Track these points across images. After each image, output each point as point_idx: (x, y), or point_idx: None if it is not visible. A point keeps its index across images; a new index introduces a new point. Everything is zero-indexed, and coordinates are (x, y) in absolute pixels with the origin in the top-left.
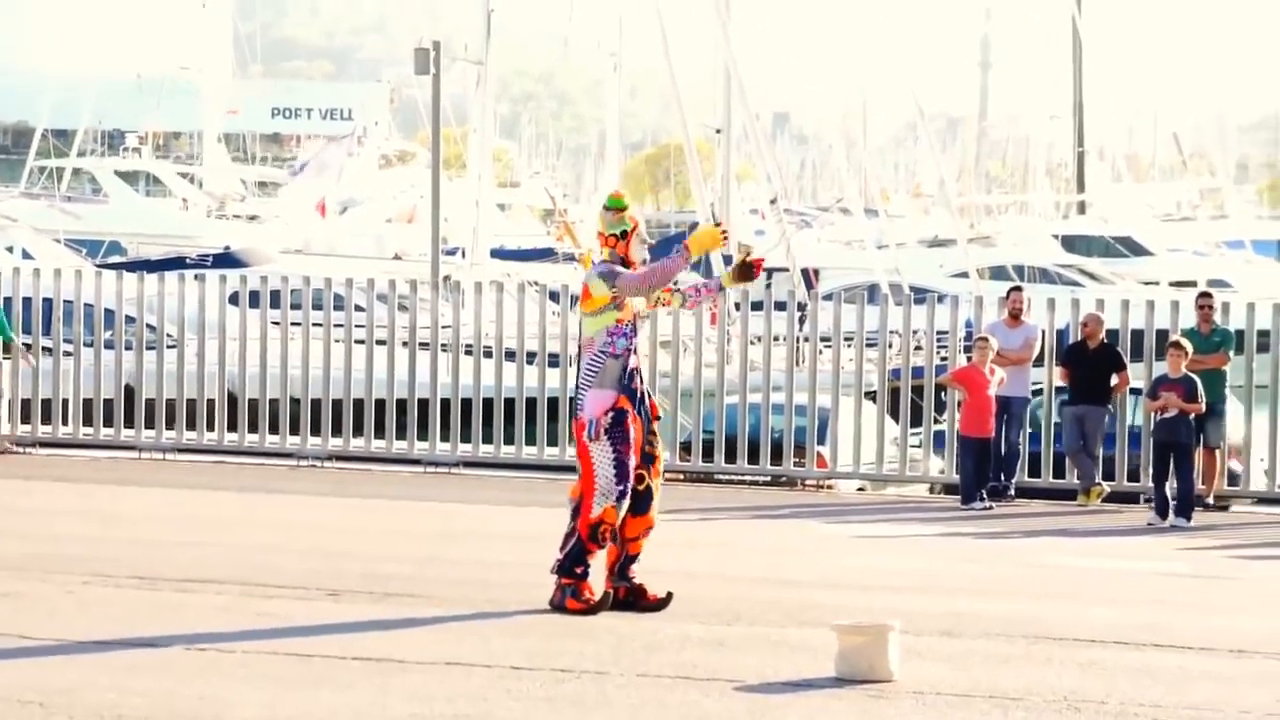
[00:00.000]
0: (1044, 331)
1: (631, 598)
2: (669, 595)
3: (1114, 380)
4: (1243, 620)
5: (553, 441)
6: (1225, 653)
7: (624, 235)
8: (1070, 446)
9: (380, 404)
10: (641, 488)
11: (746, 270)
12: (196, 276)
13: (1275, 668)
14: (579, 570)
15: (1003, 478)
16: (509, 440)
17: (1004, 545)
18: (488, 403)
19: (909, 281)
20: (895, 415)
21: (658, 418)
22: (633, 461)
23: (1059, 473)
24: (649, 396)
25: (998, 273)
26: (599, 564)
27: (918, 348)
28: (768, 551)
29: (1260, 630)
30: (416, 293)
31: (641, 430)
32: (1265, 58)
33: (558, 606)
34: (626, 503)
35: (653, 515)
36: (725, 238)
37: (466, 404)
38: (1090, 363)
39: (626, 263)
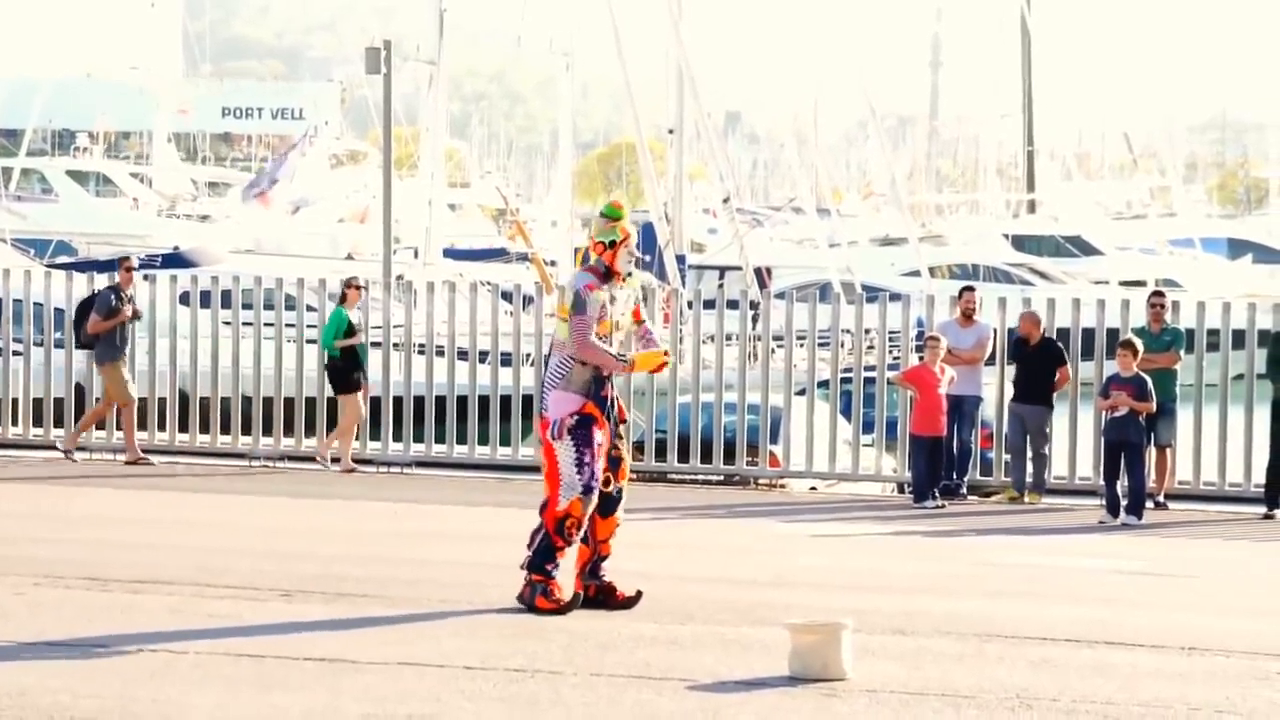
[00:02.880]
0: (996, 331)
1: (601, 596)
2: (638, 594)
3: (1056, 376)
4: (1194, 618)
5: (505, 441)
6: (1176, 650)
7: (613, 245)
8: (1011, 446)
9: (332, 404)
10: (609, 490)
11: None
12: (146, 277)
13: (1226, 665)
14: (548, 567)
15: (955, 476)
16: (461, 440)
17: (956, 543)
18: (440, 402)
19: (861, 280)
20: (848, 414)
21: (624, 421)
22: (600, 464)
23: (1011, 472)
24: (618, 401)
25: (961, 273)
26: (569, 563)
27: (870, 347)
28: (721, 551)
29: (1211, 628)
30: (368, 292)
31: (609, 435)
32: (1214, 58)
33: (527, 603)
34: (593, 499)
35: (618, 516)
36: (665, 364)
37: (419, 403)
38: (1031, 361)
39: (611, 271)
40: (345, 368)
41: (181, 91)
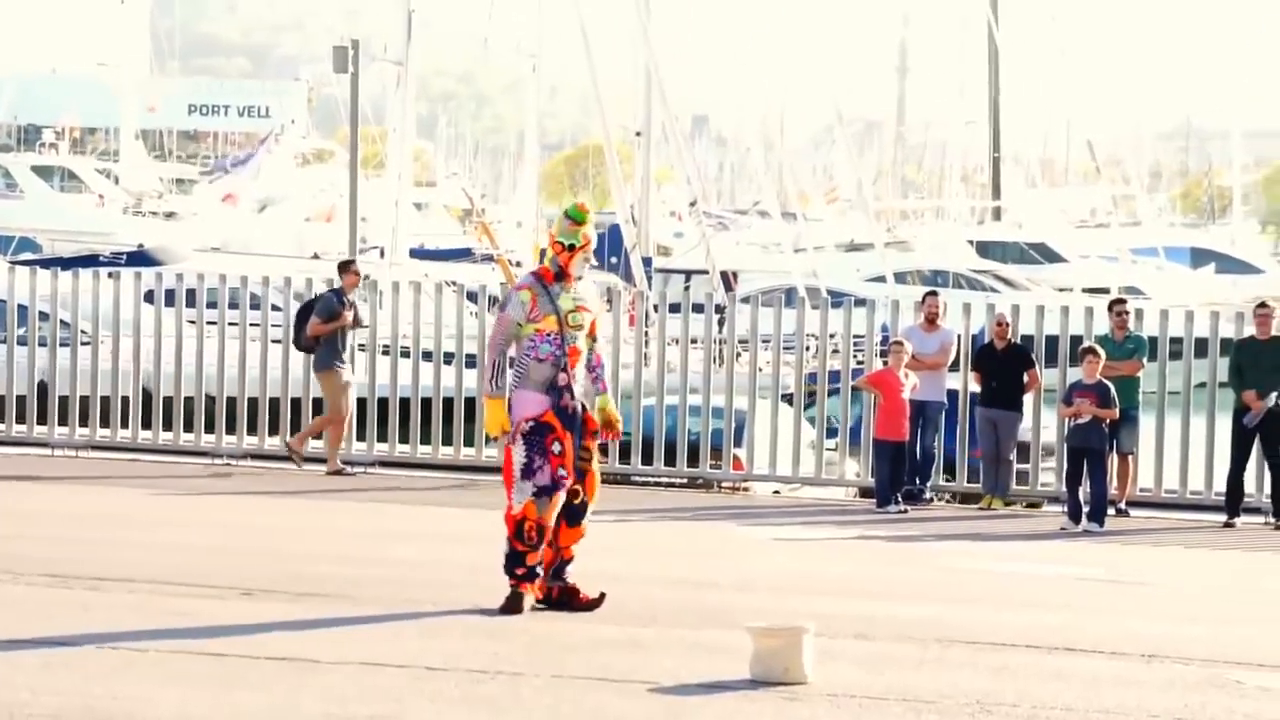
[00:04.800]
0: (959, 336)
1: (565, 598)
2: (602, 596)
3: (1025, 379)
4: (1154, 625)
5: (469, 442)
6: (1136, 657)
7: (572, 249)
8: (984, 451)
9: (296, 403)
10: (576, 501)
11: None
12: (110, 274)
13: (1185, 672)
14: (519, 571)
15: (917, 481)
16: (426, 440)
17: (918, 548)
18: (405, 402)
19: (826, 285)
20: (812, 420)
21: (594, 432)
22: (555, 469)
23: (973, 477)
24: (584, 410)
25: (930, 279)
26: (577, 566)
27: (834, 351)
28: (683, 553)
29: (1171, 635)
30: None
31: (571, 445)
32: (1179, 67)
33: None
34: (551, 502)
35: (584, 527)
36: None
37: (383, 403)
38: (1000, 364)
39: (564, 273)
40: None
41: (148, 88)
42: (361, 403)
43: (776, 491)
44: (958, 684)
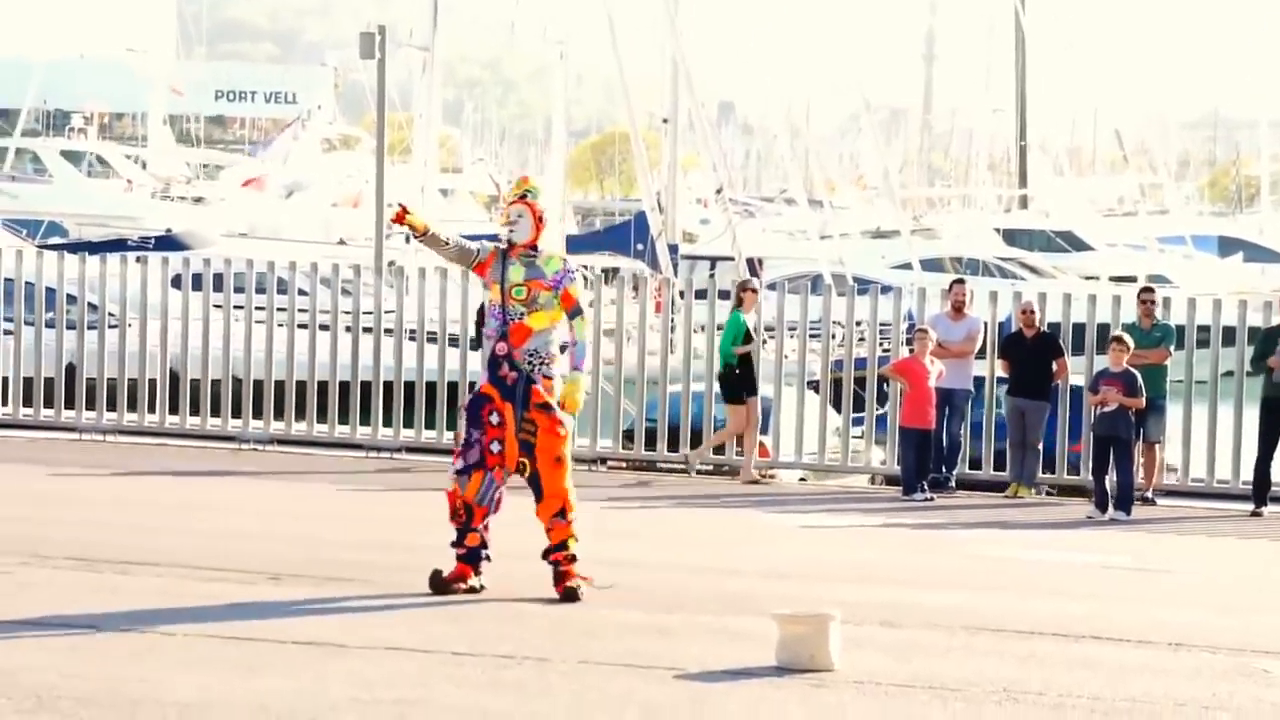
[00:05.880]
0: (986, 324)
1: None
2: (569, 592)
3: (1054, 367)
4: (1180, 613)
5: None
6: (1163, 646)
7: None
8: (1011, 440)
9: (323, 388)
10: (526, 475)
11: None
12: (138, 259)
13: (1212, 661)
14: (459, 552)
15: (944, 469)
16: (451, 425)
17: (944, 536)
18: (430, 387)
19: (851, 272)
20: (838, 406)
21: (540, 405)
22: (496, 447)
23: (999, 465)
24: (531, 383)
25: (972, 265)
26: (582, 550)
27: (860, 339)
28: (709, 541)
29: (1198, 624)
30: (360, 277)
31: (512, 416)
32: (1207, 55)
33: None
34: (470, 480)
35: (550, 502)
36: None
37: (409, 389)
38: (1029, 353)
39: (511, 245)
40: (742, 375)
41: (175, 73)
42: (387, 388)
43: (802, 479)
44: (984, 672)
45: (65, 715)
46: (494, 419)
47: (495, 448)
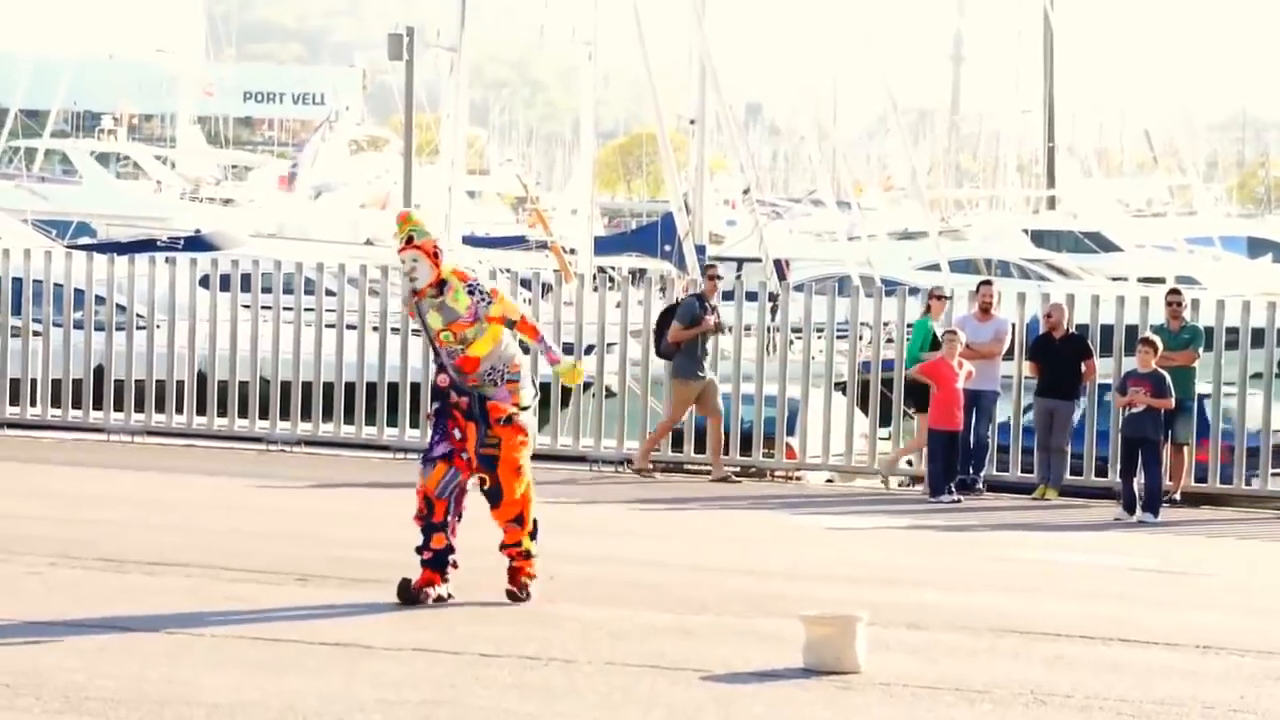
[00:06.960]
0: (1014, 325)
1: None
2: (516, 593)
3: (1083, 368)
4: (1209, 616)
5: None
6: (1191, 648)
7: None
8: (1039, 441)
9: (350, 389)
10: (487, 487)
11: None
12: (167, 259)
13: (1240, 664)
14: (424, 555)
15: (971, 471)
16: None
17: (971, 538)
18: None
19: (879, 274)
20: (865, 408)
21: (500, 419)
22: (464, 456)
23: (1027, 467)
24: (485, 399)
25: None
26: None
27: (888, 340)
28: (736, 542)
29: (1226, 626)
30: (388, 278)
31: (474, 433)
32: (1234, 57)
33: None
34: (433, 470)
35: (503, 510)
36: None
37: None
38: (1057, 354)
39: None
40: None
41: (204, 74)
42: (414, 389)
43: (829, 480)
44: (1011, 674)
45: (94, 715)
46: (457, 433)
47: (462, 455)
